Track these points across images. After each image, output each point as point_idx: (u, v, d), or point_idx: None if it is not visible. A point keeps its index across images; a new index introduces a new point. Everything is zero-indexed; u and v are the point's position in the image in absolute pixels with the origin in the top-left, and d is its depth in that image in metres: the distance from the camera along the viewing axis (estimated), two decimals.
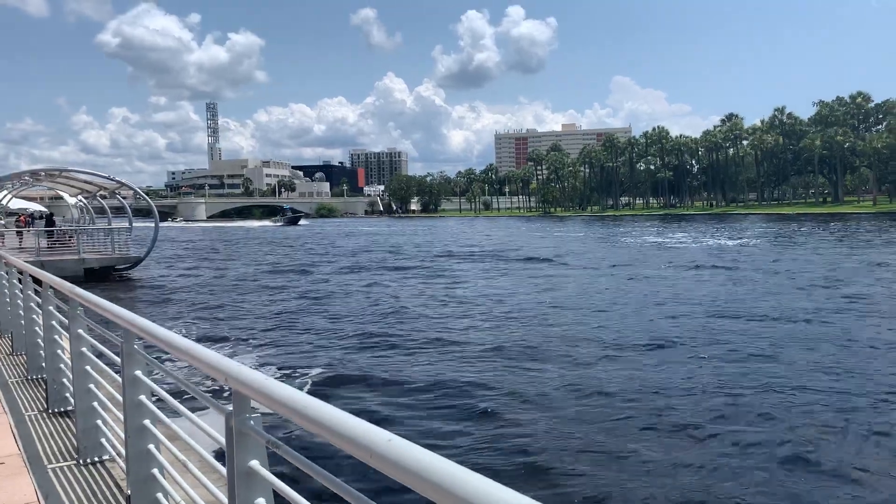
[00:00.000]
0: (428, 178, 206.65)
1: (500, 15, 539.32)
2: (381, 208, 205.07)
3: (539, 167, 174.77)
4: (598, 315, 18.09)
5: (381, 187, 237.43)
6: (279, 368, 12.51)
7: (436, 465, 1.14)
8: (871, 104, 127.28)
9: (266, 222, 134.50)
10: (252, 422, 2.07)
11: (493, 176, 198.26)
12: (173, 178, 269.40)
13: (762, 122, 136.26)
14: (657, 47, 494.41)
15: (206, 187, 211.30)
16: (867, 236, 48.64)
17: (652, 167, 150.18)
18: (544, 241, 55.89)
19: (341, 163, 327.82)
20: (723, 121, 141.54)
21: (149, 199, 33.57)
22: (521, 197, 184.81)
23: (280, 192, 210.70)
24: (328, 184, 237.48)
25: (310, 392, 10.48)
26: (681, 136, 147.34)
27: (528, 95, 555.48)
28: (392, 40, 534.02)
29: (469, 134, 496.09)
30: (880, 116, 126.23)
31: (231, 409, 2.10)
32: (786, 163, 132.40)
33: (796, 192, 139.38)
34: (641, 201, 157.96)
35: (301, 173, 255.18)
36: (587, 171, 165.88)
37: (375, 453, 1.27)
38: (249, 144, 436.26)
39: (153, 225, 29.19)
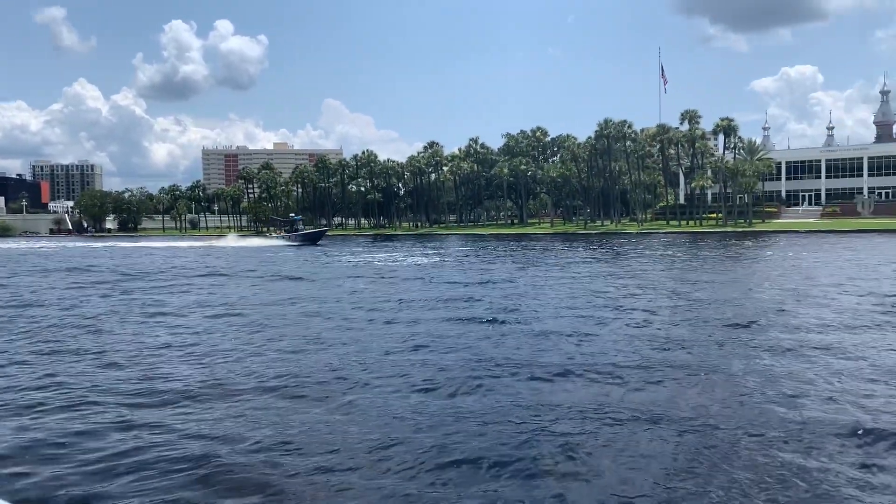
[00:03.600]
0: (126, 194, 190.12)
1: (208, 28, 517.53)
2: (70, 227, 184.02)
3: (250, 185, 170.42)
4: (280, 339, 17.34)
5: (71, 203, 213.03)
6: None
7: None
8: (548, 138, 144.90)
9: (272, 240, 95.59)
10: None
11: (201, 193, 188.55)
12: None
13: (459, 150, 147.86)
14: (365, 74, 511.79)
15: None
16: (529, 253, 54.60)
17: (362, 189, 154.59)
18: (249, 261, 53.82)
19: (20, 175, 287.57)
20: (425, 147, 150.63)
21: None
22: (231, 216, 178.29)
23: None
24: (2, 199, 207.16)
25: None
26: (388, 160, 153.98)
27: (238, 112, 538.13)
28: (85, 44, 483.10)
29: (174, 148, 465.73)
30: (555, 149, 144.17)
31: None
32: (480, 188, 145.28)
33: (489, 215, 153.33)
34: (353, 221, 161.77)
35: None
36: (300, 190, 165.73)
37: None
38: None
39: None
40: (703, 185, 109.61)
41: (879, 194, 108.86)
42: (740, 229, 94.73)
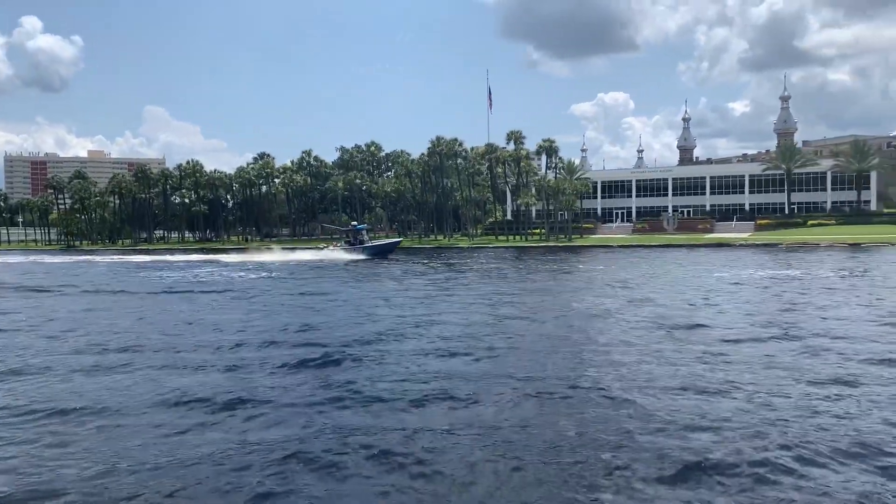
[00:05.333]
0: None
1: (13, 24, 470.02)
2: None
3: (61, 196, 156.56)
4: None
5: None
6: None
7: None
8: (382, 153, 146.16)
9: (330, 250, 78.04)
10: None
11: (3, 204, 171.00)
12: None
13: (292, 162, 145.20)
14: (191, 80, 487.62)
15: None
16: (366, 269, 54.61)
17: (187, 200, 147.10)
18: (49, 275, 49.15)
19: None
20: (256, 159, 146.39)
21: None
22: (38, 229, 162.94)
23: None
24: None
25: None
26: (216, 171, 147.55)
27: (48, 116, 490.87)
28: None
29: None
30: (390, 164, 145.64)
31: None
32: (314, 201, 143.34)
33: (324, 228, 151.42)
34: (177, 235, 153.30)
35: None
36: (117, 201, 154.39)
37: None
38: None
39: None
40: (528, 203, 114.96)
41: (681, 212, 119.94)
42: (561, 244, 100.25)
